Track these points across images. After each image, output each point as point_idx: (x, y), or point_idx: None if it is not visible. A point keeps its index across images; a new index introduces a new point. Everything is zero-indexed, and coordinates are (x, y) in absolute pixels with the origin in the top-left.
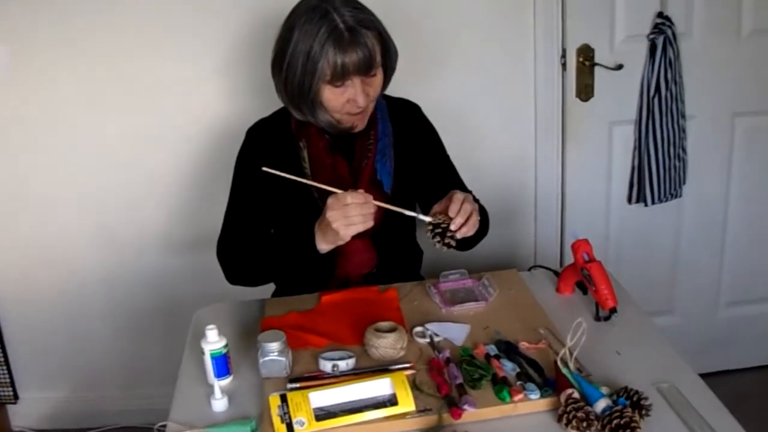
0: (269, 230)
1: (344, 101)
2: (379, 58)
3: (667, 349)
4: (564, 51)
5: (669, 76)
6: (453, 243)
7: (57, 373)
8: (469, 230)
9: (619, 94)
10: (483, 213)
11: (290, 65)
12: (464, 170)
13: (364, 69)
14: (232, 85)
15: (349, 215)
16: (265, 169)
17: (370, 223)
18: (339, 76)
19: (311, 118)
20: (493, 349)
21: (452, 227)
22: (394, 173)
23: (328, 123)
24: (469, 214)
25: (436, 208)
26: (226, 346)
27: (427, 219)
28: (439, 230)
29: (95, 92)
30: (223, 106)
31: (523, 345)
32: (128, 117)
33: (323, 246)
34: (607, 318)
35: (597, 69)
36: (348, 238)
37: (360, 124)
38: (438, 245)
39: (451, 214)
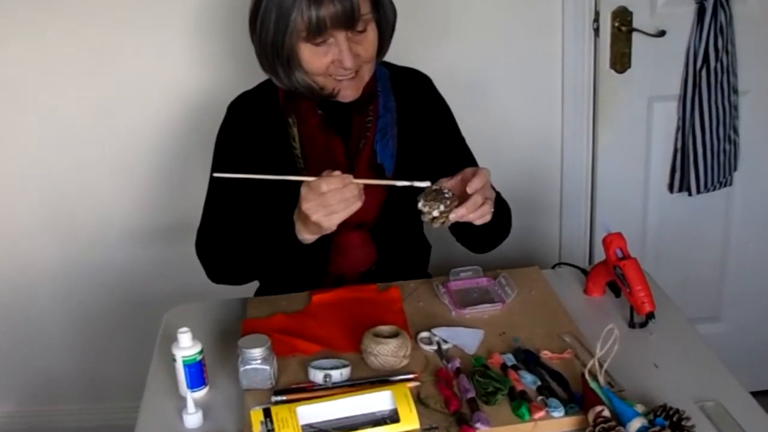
0: (256, 220)
1: (328, 63)
2: (367, 10)
3: (712, 362)
4: (597, 14)
5: (719, 44)
6: (446, 220)
7: (3, 384)
8: (475, 218)
9: (661, 64)
10: (504, 208)
11: (263, 22)
12: (478, 152)
13: (345, 22)
14: (211, 51)
15: (328, 204)
16: (216, 174)
17: (356, 206)
18: (315, 32)
19: (288, 82)
20: (510, 359)
21: (452, 217)
22: (398, 155)
23: (308, 87)
24: (480, 205)
25: (444, 182)
26: (201, 352)
27: (425, 184)
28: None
29: (49, 59)
30: (200, 75)
31: (546, 354)
32: (88, 86)
33: (306, 236)
34: (643, 324)
35: (635, 35)
36: (334, 227)
37: (351, 93)
38: (431, 220)
39: (470, 190)
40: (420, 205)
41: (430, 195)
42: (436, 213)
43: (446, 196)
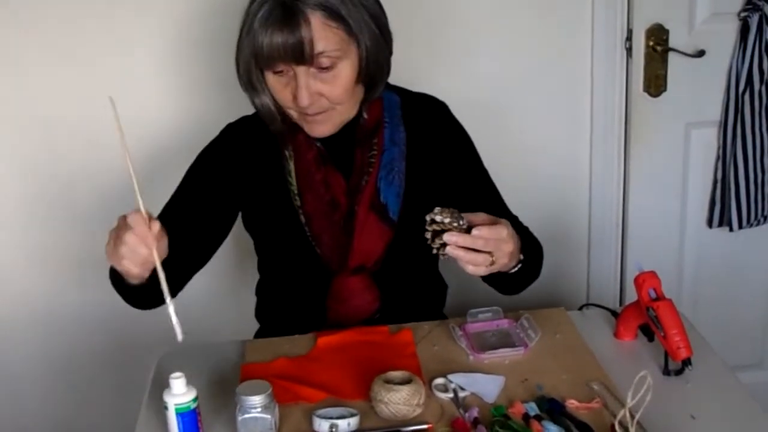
0: (209, 248)
1: (289, 96)
2: (330, 47)
3: (755, 413)
4: (630, 32)
5: (765, 65)
6: (443, 252)
7: None
8: (464, 257)
9: (700, 87)
10: (535, 248)
11: (238, 40)
12: (499, 183)
13: (294, 57)
14: (206, 75)
15: (119, 240)
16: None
17: (136, 269)
18: (263, 61)
19: (255, 108)
20: (533, 408)
21: (446, 237)
22: (405, 194)
23: (270, 116)
24: (475, 248)
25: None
26: (195, 399)
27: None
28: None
29: (23, 73)
30: (189, 101)
31: (572, 403)
32: (66, 105)
33: (129, 275)
34: (679, 372)
35: (671, 55)
36: (135, 271)
37: (322, 129)
38: (430, 223)
39: (475, 231)
40: (437, 209)
41: (448, 210)
42: (438, 218)
43: (461, 220)
